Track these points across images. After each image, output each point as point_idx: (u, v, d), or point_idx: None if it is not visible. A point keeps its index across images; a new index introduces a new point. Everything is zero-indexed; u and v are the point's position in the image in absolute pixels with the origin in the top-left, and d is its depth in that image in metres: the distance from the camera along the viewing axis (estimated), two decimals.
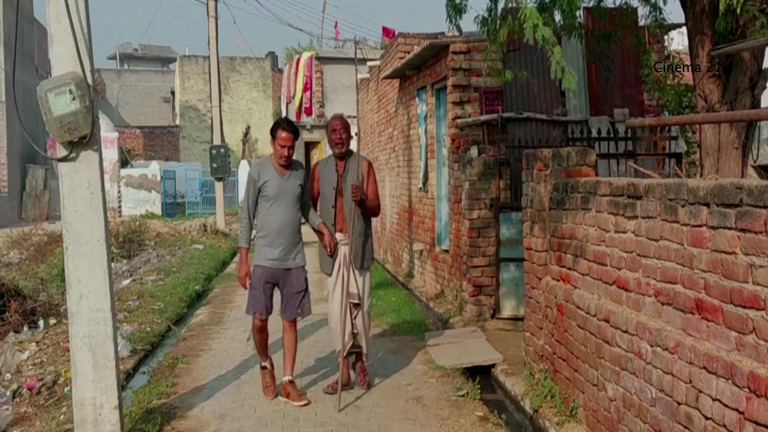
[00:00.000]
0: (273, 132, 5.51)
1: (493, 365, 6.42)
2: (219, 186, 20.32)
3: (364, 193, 5.71)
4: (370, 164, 5.94)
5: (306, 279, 5.63)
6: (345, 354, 5.68)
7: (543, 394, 5.12)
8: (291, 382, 5.55)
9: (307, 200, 5.73)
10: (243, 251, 5.63)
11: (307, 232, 5.93)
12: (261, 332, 5.57)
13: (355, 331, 5.76)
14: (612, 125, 8.42)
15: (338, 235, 5.77)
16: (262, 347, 5.65)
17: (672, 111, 11.18)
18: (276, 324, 5.98)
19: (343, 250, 5.70)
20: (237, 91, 36.49)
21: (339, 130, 5.73)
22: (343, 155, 5.77)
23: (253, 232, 5.71)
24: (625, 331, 3.89)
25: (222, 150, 19.58)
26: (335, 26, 54.73)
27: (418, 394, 5.73)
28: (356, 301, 5.73)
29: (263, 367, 5.72)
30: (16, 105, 5.53)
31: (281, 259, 5.49)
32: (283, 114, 27.18)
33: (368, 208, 5.79)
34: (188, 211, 28.15)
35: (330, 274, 5.78)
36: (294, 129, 5.55)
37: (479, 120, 8.47)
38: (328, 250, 5.67)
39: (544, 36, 4.93)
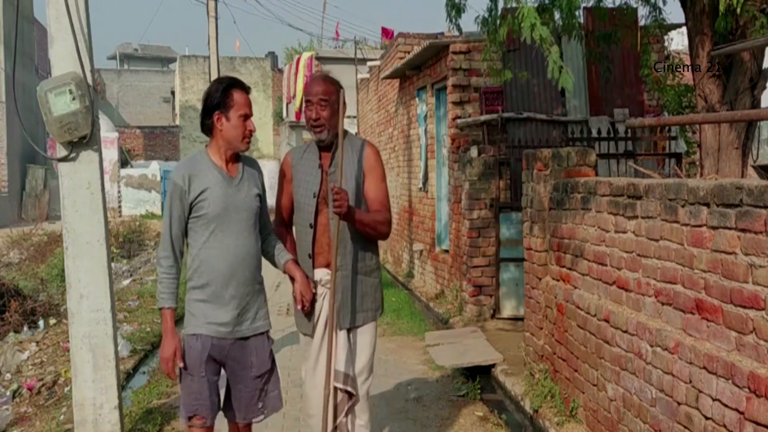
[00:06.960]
0: (224, 97, 3.19)
1: (493, 365, 6.42)
2: None
3: (361, 201, 3.46)
4: (376, 152, 3.56)
5: (272, 352, 3.41)
6: None
7: (543, 394, 5.12)
8: None
9: (267, 221, 3.47)
10: (167, 314, 3.23)
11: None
12: None
13: None
14: (612, 125, 8.42)
15: (320, 273, 3.47)
16: None
17: (672, 111, 11.19)
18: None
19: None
20: None
21: (315, 102, 3.38)
22: (329, 143, 3.45)
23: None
24: (625, 331, 3.89)
25: None
26: (336, 27, 54.72)
27: (418, 394, 5.73)
28: (346, 387, 3.39)
29: None
30: (16, 105, 5.53)
31: (234, 322, 3.25)
32: (284, 115, 27.16)
33: (364, 225, 3.39)
34: None
35: (311, 336, 3.51)
36: (249, 89, 3.32)
37: (479, 120, 8.48)
38: (300, 306, 3.39)
39: (542, 35, 4.92)
